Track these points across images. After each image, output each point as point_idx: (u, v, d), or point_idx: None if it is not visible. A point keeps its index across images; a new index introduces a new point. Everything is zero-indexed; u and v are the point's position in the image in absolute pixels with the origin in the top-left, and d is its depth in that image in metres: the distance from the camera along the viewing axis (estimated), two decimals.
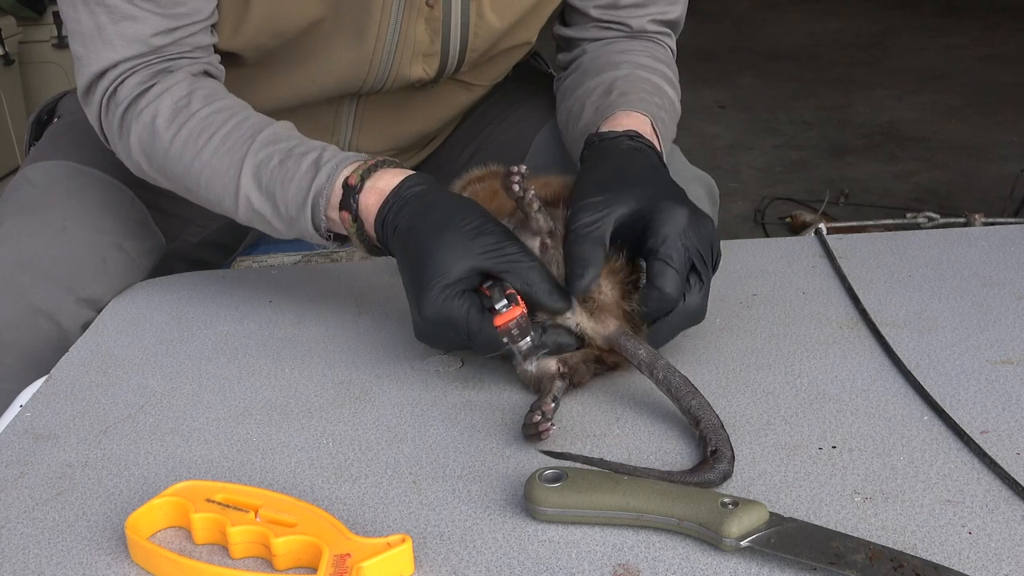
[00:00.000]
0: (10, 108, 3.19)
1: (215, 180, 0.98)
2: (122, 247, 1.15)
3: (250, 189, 0.96)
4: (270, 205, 0.95)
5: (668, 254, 0.84)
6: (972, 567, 0.64)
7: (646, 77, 1.10)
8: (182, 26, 1.01)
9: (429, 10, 1.09)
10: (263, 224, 0.98)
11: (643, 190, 0.88)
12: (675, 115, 1.12)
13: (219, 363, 0.96)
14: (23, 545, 0.71)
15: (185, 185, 1.02)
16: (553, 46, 1.26)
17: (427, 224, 0.85)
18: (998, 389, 0.84)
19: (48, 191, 1.16)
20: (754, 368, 0.89)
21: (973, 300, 0.99)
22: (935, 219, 2.35)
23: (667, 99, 1.10)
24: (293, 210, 0.94)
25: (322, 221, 0.93)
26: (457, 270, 0.82)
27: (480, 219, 0.84)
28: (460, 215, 0.85)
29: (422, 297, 0.82)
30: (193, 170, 0.99)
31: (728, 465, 0.73)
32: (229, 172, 0.97)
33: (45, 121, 1.34)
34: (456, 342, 0.85)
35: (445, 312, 0.82)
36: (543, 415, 0.79)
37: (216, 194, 0.99)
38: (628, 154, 0.95)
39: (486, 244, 0.83)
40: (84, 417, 0.88)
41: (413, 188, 0.88)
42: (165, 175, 1.03)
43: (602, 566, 0.66)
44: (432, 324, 0.83)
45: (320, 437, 0.83)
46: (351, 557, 0.65)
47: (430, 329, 0.84)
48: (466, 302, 0.82)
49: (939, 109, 4.38)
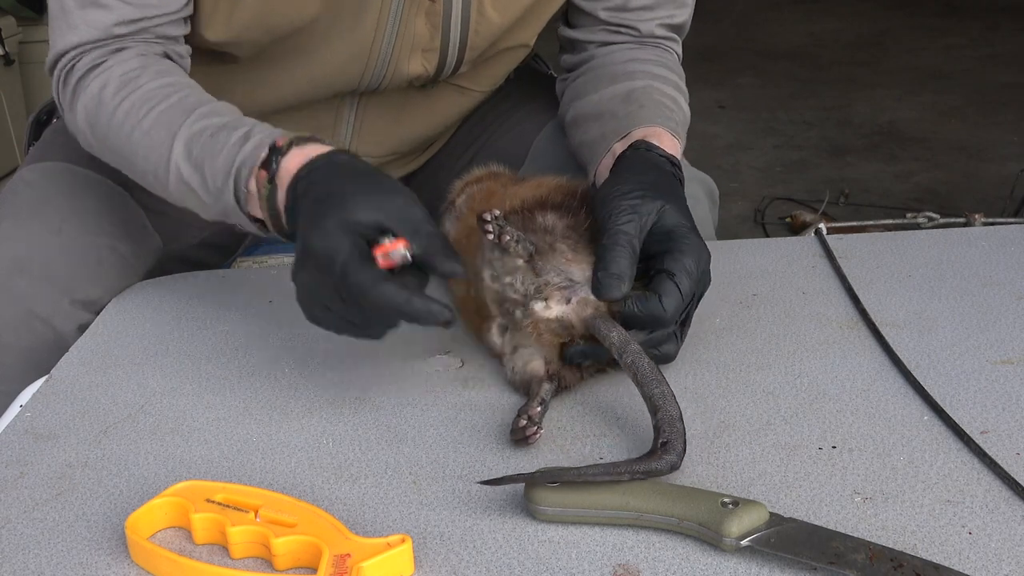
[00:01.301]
0: (10, 108, 3.19)
1: (151, 151, 0.97)
2: (118, 250, 1.14)
3: (181, 160, 0.94)
4: (199, 176, 0.94)
5: (681, 280, 0.84)
6: (972, 567, 0.64)
7: (662, 89, 1.10)
8: (148, 17, 1.02)
9: (430, 4, 1.09)
10: (193, 198, 0.96)
11: (680, 212, 0.88)
12: (687, 127, 1.12)
13: (219, 363, 0.96)
14: (23, 545, 0.71)
15: (124, 157, 1.01)
16: (552, 46, 1.26)
17: (343, 177, 0.83)
18: (998, 389, 0.84)
19: (44, 193, 1.16)
20: (754, 368, 0.89)
21: (973, 300, 0.99)
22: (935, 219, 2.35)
23: (682, 114, 1.10)
24: (220, 180, 0.92)
25: (243, 192, 0.90)
26: (361, 214, 0.79)
27: (397, 186, 0.83)
28: (380, 177, 0.83)
29: (315, 227, 0.79)
30: (132, 140, 0.98)
31: (676, 458, 0.72)
32: (164, 144, 0.96)
33: (45, 121, 1.34)
34: (334, 300, 0.80)
35: (334, 245, 0.77)
36: (529, 419, 0.79)
37: (152, 165, 0.97)
38: (668, 174, 0.95)
39: (396, 203, 0.80)
40: (84, 417, 0.88)
41: (341, 156, 0.87)
42: (107, 146, 1.02)
43: (602, 566, 0.66)
44: (313, 259, 0.79)
45: (320, 437, 0.83)
46: (351, 557, 0.65)
47: (309, 268, 0.80)
48: (357, 247, 0.78)
49: (939, 109, 4.38)
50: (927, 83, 4.73)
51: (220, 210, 0.94)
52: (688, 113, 1.12)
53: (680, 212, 0.88)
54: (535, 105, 1.29)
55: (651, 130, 1.02)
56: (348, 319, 0.81)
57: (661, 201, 0.87)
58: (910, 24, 5.86)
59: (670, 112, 1.07)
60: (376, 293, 0.76)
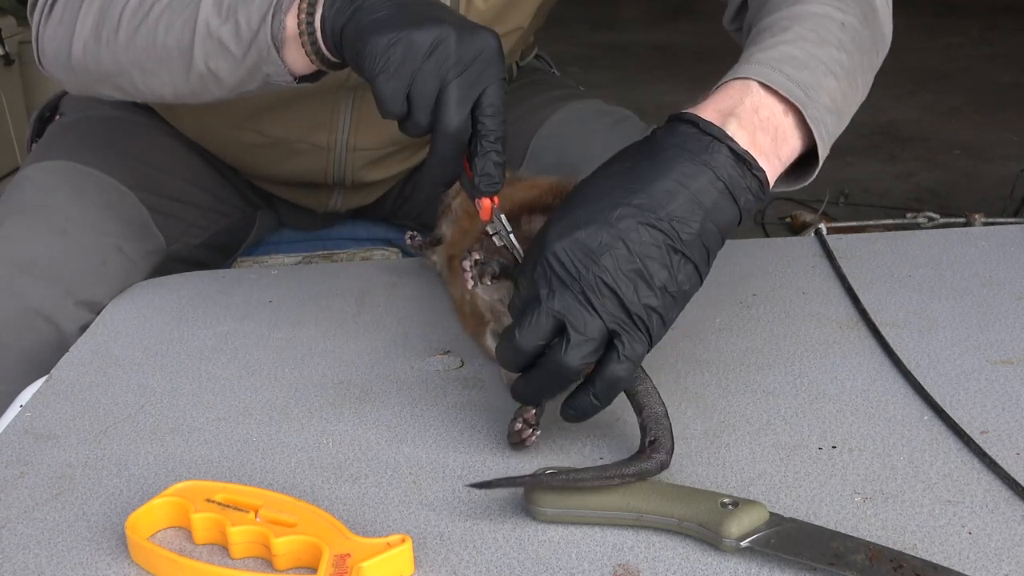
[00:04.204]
0: (10, 108, 3.20)
1: (175, 18, 0.93)
2: (122, 249, 1.14)
3: (210, 14, 0.91)
4: (231, 25, 0.90)
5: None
6: (972, 567, 0.64)
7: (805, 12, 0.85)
8: None
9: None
10: (219, 57, 0.92)
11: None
12: (835, 40, 0.84)
13: (219, 363, 0.96)
14: (23, 545, 0.71)
15: (138, 43, 0.96)
16: (553, 46, 1.25)
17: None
18: (998, 389, 0.84)
19: (49, 192, 1.16)
20: (754, 368, 0.89)
21: (973, 300, 0.99)
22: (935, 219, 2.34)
23: (821, 32, 0.83)
24: (256, 19, 0.88)
25: (281, 26, 0.86)
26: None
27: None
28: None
29: (451, 16, 0.78)
30: (151, 16, 0.94)
31: (666, 455, 0.72)
32: (189, 5, 0.92)
33: (48, 118, 1.34)
34: (420, 84, 0.77)
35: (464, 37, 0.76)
36: (525, 422, 0.78)
37: (174, 37, 0.93)
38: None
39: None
40: (84, 417, 0.88)
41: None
42: (115, 40, 0.97)
43: (602, 566, 0.66)
44: (424, 44, 0.76)
45: (320, 437, 0.83)
46: (351, 557, 0.65)
47: (414, 51, 0.76)
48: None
49: (939, 109, 4.38)
50: (927, 83, 4.73)
51: (252, 62, 0.90)
52: (845, 19, 0.85)
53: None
54: (535, 102, 1.29)
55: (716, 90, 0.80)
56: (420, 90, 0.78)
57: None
58: (910, 24, 5.85)
59: (783, 45, 0.82)
60: (457, 120, 0.77)
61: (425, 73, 0.77)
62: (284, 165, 1.25)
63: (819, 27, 0.83)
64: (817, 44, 0.82)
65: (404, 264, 1.21)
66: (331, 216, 1.37)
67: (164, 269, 1.21)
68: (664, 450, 0.72)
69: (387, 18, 0.79)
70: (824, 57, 0.82)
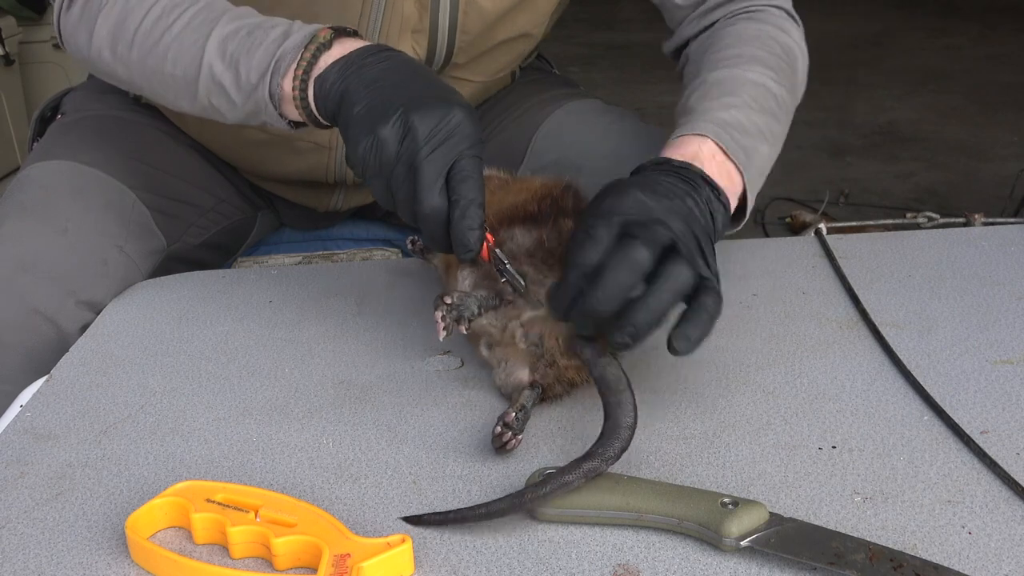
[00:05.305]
0: (10, 108, 3.20)
1: (182, 53, 0.96)
2: (123, 249, 1.14)
3: (214, 58, 0.94)
4: (232, 73, 0.93)
5: (592, 226, 0.79)
6: (972, 567, 0.64)
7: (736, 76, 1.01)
8: None
9: None
10: (221, 98, 0.95)
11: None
12: (769, 109, 0.99)
13: (219, 363, 0.96)
14: (23, 545, 0.71)
15: (149, 66, 0.99)
16: (554, 46, 1.26)
17: (412, 70, 0.84)
18: (998, 389, 0.84)
19: (50, 192, 1.15)
20: (754, 368, 0.89)
21: (973, 300, 0.99)
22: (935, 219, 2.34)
23: (752, 97, 0.98)
24: (255, 76, 0.92)
25: (278, 87, 0.90)
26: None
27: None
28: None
29: (420, 94, 0.80)
30: (162, 44, 0.98)
31: (600, 462, 0.71)
32: (196, 44, 0.95)
33: (49, 117, 1.34)
34: (396, 180, 0.80)
35: (443, 110, 0.79)
36: (505, 425, 0.78)
37: (181, 68, 0.97)
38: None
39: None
40: (84, 417, 0.88)
41: (392, 52, 0.86)
42: (128, 56, 1.01)
43: (602, 566, 0.66)
44: (405, 126, 0.79)
45: (320, 437, 0.83)
46: (351, 557, 0.65)
47: (398, 122, 0.79)
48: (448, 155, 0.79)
49: (939, 109, 4.38)
50: (927, 83, 4.74)
51: (250, 109, 0.94)
52: (777, 91, 1.01)
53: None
54: (536, 100, 1.29)
55: (677, 142, 0.92)
56: (395, 187, 0.81)
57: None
58: (910, 24, 5.86)
59: (720, 108, 0.96)
60: (430, 200, 0.78)
61: (398, 173, 0.80)
62: (286, 163, 1.25)
63: (759, 96, 0.98)
64: (758, 112, 0.97)
65: (404, 264, 1.21)
66: (332, 216, 1.37)
67: (165, 269, 1.21)
68: (599, 457, 0.71)
69: (363, 116, 0.82)
70: (762, 125, 0.97)
